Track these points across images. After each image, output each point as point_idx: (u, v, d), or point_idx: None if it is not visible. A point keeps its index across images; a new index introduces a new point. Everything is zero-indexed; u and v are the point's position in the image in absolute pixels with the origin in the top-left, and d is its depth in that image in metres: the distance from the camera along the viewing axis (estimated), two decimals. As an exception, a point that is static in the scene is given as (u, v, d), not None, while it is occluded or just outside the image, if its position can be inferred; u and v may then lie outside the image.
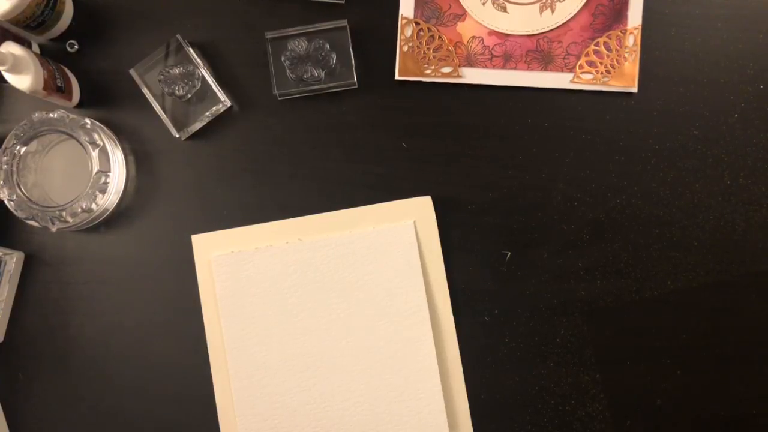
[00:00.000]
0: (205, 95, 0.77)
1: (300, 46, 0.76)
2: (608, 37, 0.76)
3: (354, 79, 0.76)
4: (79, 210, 0.73)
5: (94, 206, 0.74)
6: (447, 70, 0.76)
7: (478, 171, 0.76)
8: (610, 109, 0.76)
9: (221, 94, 0.76)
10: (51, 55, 0.77)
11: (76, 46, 0.78)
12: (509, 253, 0.76)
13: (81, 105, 0.79)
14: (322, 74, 0.76)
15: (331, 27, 0.76)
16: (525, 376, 0.76)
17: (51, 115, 0.74)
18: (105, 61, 0.78)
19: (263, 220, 0.77)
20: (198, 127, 0.77)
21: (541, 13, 0.76)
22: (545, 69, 0.76)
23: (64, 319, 0.78)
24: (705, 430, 0.75)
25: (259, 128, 0.78)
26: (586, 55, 0.75)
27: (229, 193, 0.78)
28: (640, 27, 0.75)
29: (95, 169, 0.74)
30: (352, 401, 0.75)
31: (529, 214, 0.76)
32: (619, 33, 0.75)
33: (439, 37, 0.76)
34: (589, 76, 0.75)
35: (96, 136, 0.74)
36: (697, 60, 0.76)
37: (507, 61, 0.76)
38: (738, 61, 0.76)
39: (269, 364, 0.75)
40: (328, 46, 0.76)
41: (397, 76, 0.76)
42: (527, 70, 0.76)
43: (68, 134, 0.74)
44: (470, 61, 0.76)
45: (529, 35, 0.76)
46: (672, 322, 0.75)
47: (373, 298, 0.75)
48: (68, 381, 0.78)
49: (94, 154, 0.74)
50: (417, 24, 0.76)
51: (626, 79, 0.75)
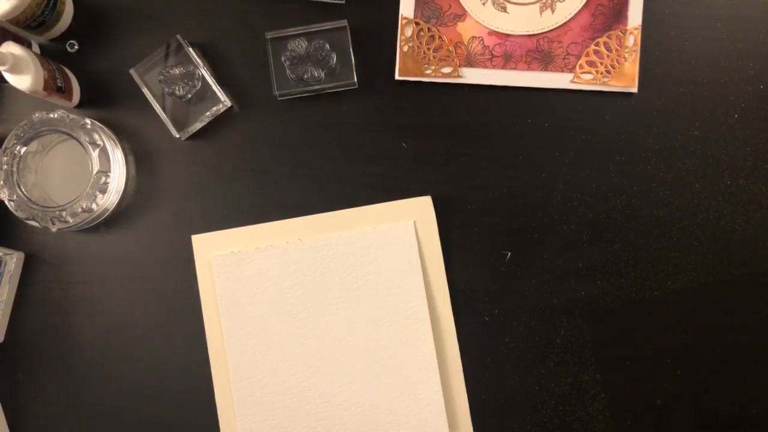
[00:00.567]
0: (205, 95, 0.77)
1: (300, 46, 0.76)
2: (608, 37, 0.76)
3: (354, 79, 0.76)
4: (80, 210, 0.73)
5: (94, 206, 0.74)
6: (447, 70, 0.76)
7: (478, 171, 0.76)
8: (610, 109, 0.76)
9: (221, 94, 0.76)
10: (51, 55, 0.77)
11: (76, 46, 0.78)
12: (509, 253, 0.76)
13: (81, 105, 0.79)
14: (322, 74, 0.76)
15: (331, 27, 0.76)
16: (525, 376, 0.76)
17: (51, 115, 0.74)
18: (105, 61, 0.78)
19: (263, 220, 0.77)
20: (198, 127, 0.77)
21: (541, 13, 0.76)
22: (545, 69, 0.76)
23: (65, 318, 0.78)
24: (705, 430, 0.75)
25: (259, 128, 0.78)
26: (586, 55, 0.75)
27: (229, 193, 0.78)
28: (640, 27, 0.75)
29: (95, 169, 0.74)
30: (352, 401, 0.75)
31: (529, 214, 0.76)
32: (619, 33, 0.75)
33: (439, 37, 0.76)
34: (589, 76, 0.75)
35: (96, 136, 0.74)
36: (697, 60, 0.76)
37: (507, 61, 0.76)
38: (738, 61, 0.75)
39: (269, 364, 0.75)
40: (328, 46, 0.76)
41: (397, 76, 0.76)
42: (527, 70, 0.76)
43: (68, 134, 0.74)
44: (470, 61, 0.76)
45: (529, 35, 0.76)
46: (672, 322, 0.75)
47: (373, 298, 0.75)
48: (68, 381, 0.78)
49: (95, 154, 0.74)
50: (417, 24, 0.76)
51: (626, 79, 0.75)
